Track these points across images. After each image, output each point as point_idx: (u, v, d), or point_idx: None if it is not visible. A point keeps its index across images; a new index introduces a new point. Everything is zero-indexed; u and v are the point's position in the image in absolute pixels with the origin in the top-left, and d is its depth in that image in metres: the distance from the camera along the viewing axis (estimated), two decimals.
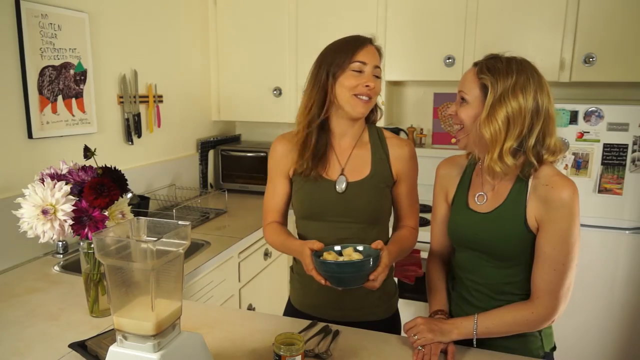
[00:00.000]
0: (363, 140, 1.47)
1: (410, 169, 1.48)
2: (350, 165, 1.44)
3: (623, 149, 2.25)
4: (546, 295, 1.19)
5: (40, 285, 1.70)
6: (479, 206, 1.28)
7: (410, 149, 1.48)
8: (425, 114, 3.22)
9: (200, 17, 3.09)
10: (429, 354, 1.19)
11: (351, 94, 1.35)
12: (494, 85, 1.16)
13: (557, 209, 1.15)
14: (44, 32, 1.96)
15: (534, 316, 1.20)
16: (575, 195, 1.15)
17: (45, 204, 1.30)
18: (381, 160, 1.44)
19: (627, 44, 2.44)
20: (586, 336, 2.46)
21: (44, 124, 1.99)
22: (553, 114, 1.19)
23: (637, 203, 2.29)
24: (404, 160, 1.46)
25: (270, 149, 1.52)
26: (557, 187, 1.16)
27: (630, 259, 2.35)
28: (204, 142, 3.20)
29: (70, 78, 2.11)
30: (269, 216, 1.53)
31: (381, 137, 1.48)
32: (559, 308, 1.20)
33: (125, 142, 2.51)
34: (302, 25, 2.93)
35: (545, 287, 1.18)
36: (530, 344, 1.28)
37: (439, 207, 1.43)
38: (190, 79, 3.05)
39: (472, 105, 1.20)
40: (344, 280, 1.22)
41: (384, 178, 1.44)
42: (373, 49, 1.39)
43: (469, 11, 2.66)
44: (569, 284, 1.19)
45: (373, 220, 1.44)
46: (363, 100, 1.36)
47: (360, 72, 1.35)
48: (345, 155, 1.45)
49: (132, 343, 0.97)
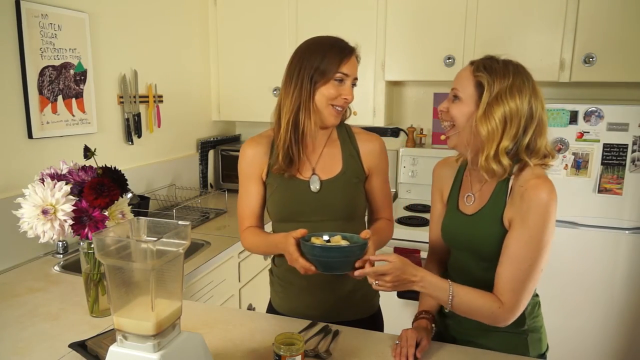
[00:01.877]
0: (332, 138, 1.49)
1: (381, 162, 1.50)
2: (321, 164, 1.45)
3: (623, 149, 2.25)
4: (510, 294, 1.15)
5: (40, 285, 1.70)
6: (467, 207, 1.29)
7: (380, 143, 1.50)
8: (425, 114, 3.22)
9: (200, 17, 3.09)
10: (405, 346, 1.21)
11: (328, 103, 1.37)
12: (490, 84, 1.15)
13: (530, 209, 1.13)
14: (44, 32, 1.96)
15: (500, 312, 1.16)
16: (551, 199, 1.12)
17: (45, 204, 1.30)
18: (352, 157, 1.46)
19: (627, 44, 2.44)
20: (586, 336, 2.46)
21: (44, 124, 1.99)
22: (545, 121, 1.20)
23: (637, 203, 2.29)
24: (375, 155, 1.48)
25: (240, 153, 1.49)
26: (532, 188, 1.13)
27: (630, 259, 2.35)
28: (204, 142, 3.20)
29: (70, 78, 2.11)
30: (245, 222, 1.49)
31: (350, 134, 1.50)
32: (518, 309, 1.16)
33: (125, 142, 2.51)
34: (302, 25, 2.93)
35: (509, 286, 1.15)
36: (514, 348, 1.26)
37: (435, 208, 1.43)
38: (190, 78, 3.05)
39: (465, 103, 1.20)
40: (330, 265, 1.19)
41: (356, 173, 1.46)
42: (354, 60, 1.40)
43: (469, 11, 2.66)
44: (530, 288, 1.16)
45: (349, 216, 1.45)
46: (337, 110, 1.39)
47: (342, 82, 1.37)
48: (315, 155, 1.46)
49: (132, 343, 0.97)
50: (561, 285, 2.45)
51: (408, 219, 2.75)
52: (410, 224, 2.67)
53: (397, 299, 2.63)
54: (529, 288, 1.16)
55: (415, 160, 3.08)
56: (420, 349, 1.22)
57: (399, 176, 3.18)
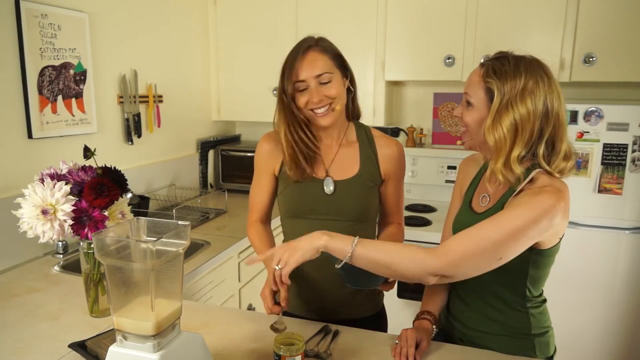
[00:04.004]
0: (349, 138, 1.47)
1: (399, 168, 1.48)
2: (336, 165, 1.44)
3: (623, 149, 2.24)
4: (453, 244, 1.07)
5: (40, 285, 1.70)
6: (480, 207, 1.27)
7: (399, 149, 1.48)
8: (425, 114, 3.22)
9: (200, 17, 3.09)
10: (405, 346, 1.20)
11: (307, 110, 1.37)
12: (500, 89, 1.10)
13: (528, 201, 1.08)
14: (44, 32, 1.96)
15: (425, 255, 1.06)
16: (556, 205, 1.06)
17: (45, 204, 1.30)
18: (369, 159, 1.45)
19: (627, 43, 2.44)
20: (586, 336, 2.46)
21: (44, 124, 1.99)
22: (564, 118, 1.13)
23: (637, 203, 2.29)
24: (393, 160, 1.46)
25: (257, 146, 1.53)
26: (540, 193, 1.08)
27: (630, 259, 2.35)
28: (203, 142, 3.20)
29: (70, 78, 2.11)
30: (254, 214, 1.55)
31: (369, 136, 1.48)
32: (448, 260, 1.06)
33: (125, 142, 2.51)
34: (302, 25, 2.93)
35: (456, 242, 1.07)
36: (521, 351, 1.24)
37: (454, 203, 1.41)
38: (190, 78, 3.05)
39: (477, 109, 1.16)
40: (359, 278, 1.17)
41: (372, 177, 1.44)
42: (313, 55, 1.35)
43: (469, 11, 2.66)
44: (476, 260, 1.07)
45: (361, 218, 1.44)
46: (320, 113, 1.36)
47: (305, 88, 1.35)
48: (330, 155, 1.45)
49: (132, 343, 0.97)
50: (561, 285, 2.45)
51: (409, 219, 2.74)
52: (412, 224, 2.67)
53: (398, 299, 2.63)
54: (472, 257, 1.06)
55: (415, 160, 3.08)
56: (420, 351, 1.21)
57: None
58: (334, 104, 1.36)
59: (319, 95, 1.34)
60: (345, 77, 1.41)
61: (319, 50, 1.36)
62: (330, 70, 1.35)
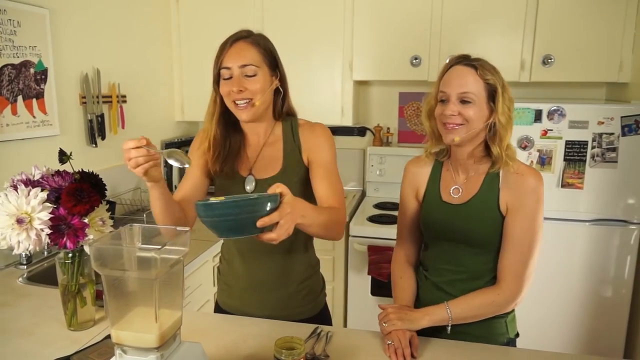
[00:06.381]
0: (276, 135, 1.42)
1: (322, 149, 1.39)
2: (259, 163, 1.41)
3: (583, 146, 2.36)
4: (512, 277, 1.28)
5: (7, 298, 1.59)
6: (455, 199, 1.35)
7: (321, 128, 1.42)
8: (391, 113, 3.26)
9: (162, 16, 2.99)
10: (400, 347, 1.22)
11: (230, 101, 1.33)
12: (499, 82, 1.26)
13: (526, 194, 1.26)
14: (3, 28, 1.84)
15: (500, 298, 1.28)
16: (541, 183, 1.27)
17: (20, 212, 1.22)
18: (292, 153, 1.40)
19: (584, 45, 2.57)
20: (548, 323, 2.56)
21: (4, 126, 1.87)
22: None
23: (596, 196, 2.41)
24: (313, 140, 1.40)
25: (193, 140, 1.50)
26: (526, 174, 1.28)
27: (589, 249, 2.47)
28: (168, 143, 3.10)
29: (30, 77, 1.99)
30: None
31: (294, 129, 1.42)
32: (522, 290, 1.28)
33: (89, 145, 2.39)
34: (268, 23, 2.89)
35: (511, 270, 1.28)
36: (494, 330, 1.35)
37: (409, 204, 1.46)
38: (154, 78, 2.94)
39: (477, 104, 1.26)
40: (230, 225, 0.98)
41: (296, 171, 1.39)
42: (242, 45, 1.31)
43: (434, 13, 2.72)
44: (532, 267, 1.29)
45: None
46: (241, 106, 1.31)
47: (230, 77, 1.31)
48: (255, 153, 1.42)
49: (132, 357, 0.92)
50: None
51: (379, 217, 2.77)
52: (382, 221, 2.70)
53: (370, 295, 2.65)
54: (529, 269, 1.28)
55: (382, 159, 3.11)
56: (415, 348, 1.24)
57: (366, 175, 3.21)
58: (254, 100, 1.31)
59: (241, 85, 1.29)
60: (274, 76, 1.37)
61: (249, 42, 1.32)
62: (257, 64, 1.31)
